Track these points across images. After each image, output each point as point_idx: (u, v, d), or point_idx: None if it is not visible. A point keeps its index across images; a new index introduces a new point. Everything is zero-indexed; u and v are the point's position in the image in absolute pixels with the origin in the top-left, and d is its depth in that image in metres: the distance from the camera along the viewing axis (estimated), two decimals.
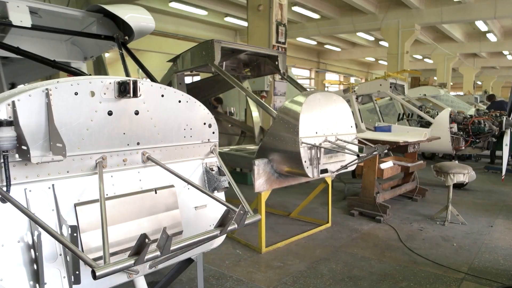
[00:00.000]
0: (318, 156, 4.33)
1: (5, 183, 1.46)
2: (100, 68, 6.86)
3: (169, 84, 7.30)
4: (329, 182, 5.75)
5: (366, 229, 5.70)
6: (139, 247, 1.38)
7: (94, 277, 1.28)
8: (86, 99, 1.68)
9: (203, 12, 17.56)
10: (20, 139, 1.47)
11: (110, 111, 1.76)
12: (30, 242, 1.52)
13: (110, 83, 1.75)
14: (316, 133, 4.35)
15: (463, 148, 8.55)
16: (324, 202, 6.75)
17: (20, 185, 1.53)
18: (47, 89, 1.57)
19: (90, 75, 2.73)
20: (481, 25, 19.25)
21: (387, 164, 6.38)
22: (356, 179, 8.78)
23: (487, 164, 11.38)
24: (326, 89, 33.87)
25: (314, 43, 25.15)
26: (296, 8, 16.81)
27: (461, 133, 8.41)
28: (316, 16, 18.04)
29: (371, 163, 6.12)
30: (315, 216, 6.21)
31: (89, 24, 3.32)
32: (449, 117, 8.31)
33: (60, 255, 1.58)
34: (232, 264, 4.33)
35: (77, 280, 1.58)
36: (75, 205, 1.67)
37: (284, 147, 4.25)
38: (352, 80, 31.99)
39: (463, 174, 5.90)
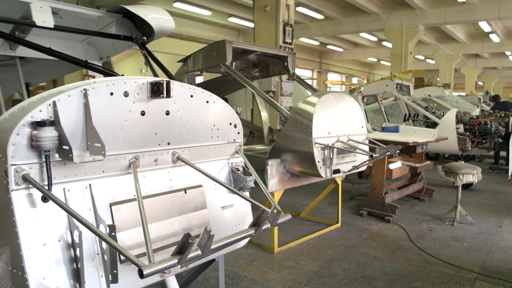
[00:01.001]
0: (331, 156, 4.34)
1: (46, 183, 1.48)
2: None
3: None
4: (339, 183, 5.77)
5: (376, 229, 5.71)
6: (182, 246, 1.39)
7: (142, 276, 1.29)
8: (121, 99, 1.70)
9: (207, 13, 17.57)
10: (61, 139, 1.48)
11: (143, 111, 1.78)
12: (70, 241, 1.54)
13: (143, 83, 1.76)
14: (329, 133, 4.37)
15: (470, 148, 8.57)
16: (331, 202, 6.77)
17: (59, 184, 1.54)
18: (85, 89, 1.58)
19: (123, 75, 2.75)
20: (484, 26, 19.25)
21: (396, 165, 6.39)
22: (363, 179, 8.81)
23: (491, 164, 11.39)
24: (328, 89, 33.90)
25: (317, 43, 25.17)
26: (299, 9, 16.82)
27: (468, 133, 8.43)
28: (320, 16, 18.04)
29: (380, 164, 6.13)
30: (324, 216, 6.22)
31: (107, 24, 3.34)
32: (455, 118, 8.33)
33: (98, 254, 1.59)
34: (245, 264, 4.34)
35: (115, 279, 1.60)
36: (111, 204, 1.69)
37: (297, 147, 4.27)
38: (354, 80, 31.98)
39: (472, 174, 5.91)
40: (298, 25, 19.25)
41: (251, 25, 20.15)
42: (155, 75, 2.95)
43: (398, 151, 4.60)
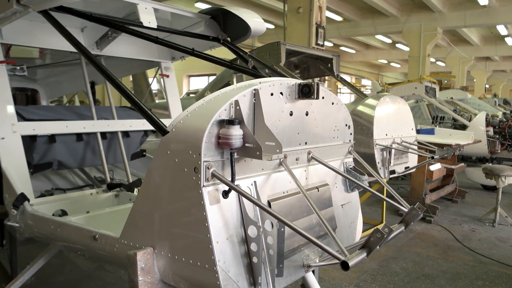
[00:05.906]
0: (389, 157, 4.44)
1: (230, 179, 1.55)
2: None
3: (227, 84, 7.39)
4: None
5: (419, 229, 5.80)
6: (368, 240, 1.48)
7: (347, 268, 1.37)
8: (277, 99, 1.77)
9: None
10: (244, 137, 1.56)
11: (291, 111, 1.85)
12: (243, 236, 1.61)
13: (292, 84, 1.84)
14: (386, 135, 4.47)
15: (499, 151, 8.67)
16: (368, 203, 6.86)
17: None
18: (255, 89, 1.66)
19: (269, 76, 2.83)
20: (501, 29, 19.25)
21: (436, 166, 6.48)
22: (390, 180, 8.88)
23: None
24: (338, 90, 33.94)
25: (330, 44, 25.18)
26: None
27: (497, 136, 8.52)
28: (338, 18, 18.03)
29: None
30: (363, 215, 6.30)
31: (190, 25, 3.42)
32: (485, 121, 8.41)
33: (263, 249, 1.66)
34: None
35: (280, 273, 1.68)
36: (269, 201, 1.77)
37: (357, 148, 4.34)
38: (368, 82, 32.00)
39: None
40: None
41: (267, 25, 20.29)
42: (282, 75, 3.03)
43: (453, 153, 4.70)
